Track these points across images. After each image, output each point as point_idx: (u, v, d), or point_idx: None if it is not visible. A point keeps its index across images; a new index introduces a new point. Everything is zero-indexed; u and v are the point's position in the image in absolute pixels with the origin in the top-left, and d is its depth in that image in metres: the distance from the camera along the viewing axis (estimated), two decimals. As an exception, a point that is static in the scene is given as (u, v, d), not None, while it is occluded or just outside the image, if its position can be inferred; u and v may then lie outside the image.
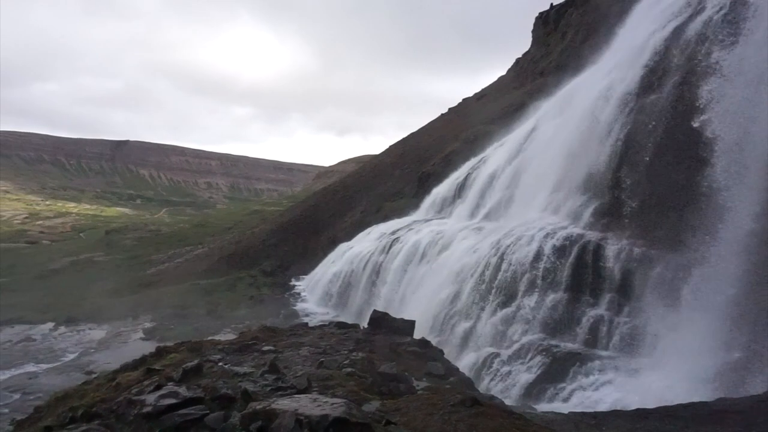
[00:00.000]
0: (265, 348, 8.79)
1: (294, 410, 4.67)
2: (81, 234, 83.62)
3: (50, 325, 30.11)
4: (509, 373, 13.99)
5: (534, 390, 12.94)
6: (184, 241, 63.91)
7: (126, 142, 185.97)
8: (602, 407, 10.84)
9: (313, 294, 32.84)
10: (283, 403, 4.89)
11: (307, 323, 13.83)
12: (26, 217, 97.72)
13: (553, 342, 14.40)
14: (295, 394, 6.02)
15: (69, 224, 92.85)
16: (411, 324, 11.19)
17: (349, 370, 7.63)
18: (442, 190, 33.45)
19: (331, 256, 34.97)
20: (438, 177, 36.41)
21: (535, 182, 21.23)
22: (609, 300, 14.52)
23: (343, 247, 34.73)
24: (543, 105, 27.99)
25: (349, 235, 37.37)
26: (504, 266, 17.06)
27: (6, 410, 17.20)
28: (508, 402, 10.61)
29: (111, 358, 22.06)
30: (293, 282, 36.68)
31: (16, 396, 18.42)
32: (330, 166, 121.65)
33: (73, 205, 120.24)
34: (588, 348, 13.85)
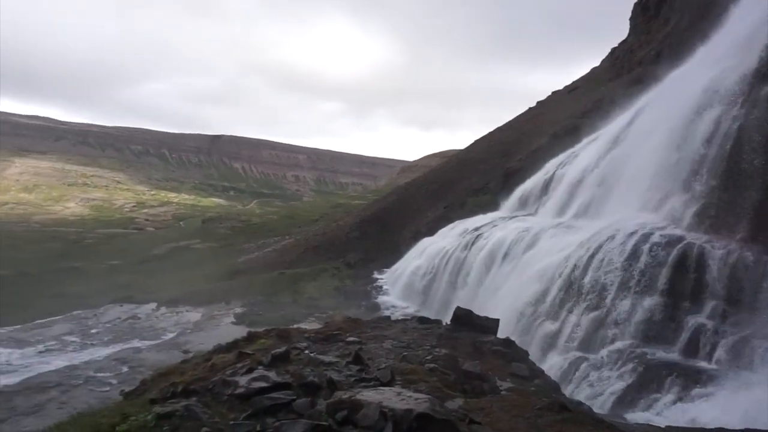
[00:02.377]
0: (350, 339, 8.96)
1: (378, 402, 4.71)
2: (181, 222, 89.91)
3: (153, 305, 32.57)
4: (598, 379, 13.30)
5: (625, 399, 12.20)
6: (273, 231, 66.85)
7: (221, 137, 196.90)
8: (703, 424, 10.04)
9: (395, 287, 33.10)
10: (368, 395, 4.96)
11: (389, 316, 13.96)
12: (134, 206, 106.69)
13: (648, 349, 13.52)
14: (379, 386, 6.08)
15: (170, 213, 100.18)
16: (495, 322, 10.94)
17: (431, 365, 7.59)
18: (528, 186, 32.44)
19: (414, 251, 35.05)
20: (525, 172, 35.33)
21: (632, 179, 19.99)
22: (713, 308, 13.39)
23: (425, 241, 34.70)
24: (641, 97, 26.28)
25: (432, 230, 37.26)
26: (594, 266, 16.24)
27: (115, 381, 18.85)
28: (596, 410, 10.09)
29: (205, 339, 23.48)
30: (375, 275, 37.17)
31: (125, 368, 20.08)
32: (414, 161, 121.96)
33: (174, 195, 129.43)
34: (687, 358, 12.87)
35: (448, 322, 11.29)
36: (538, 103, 59.74)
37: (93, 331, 26.86)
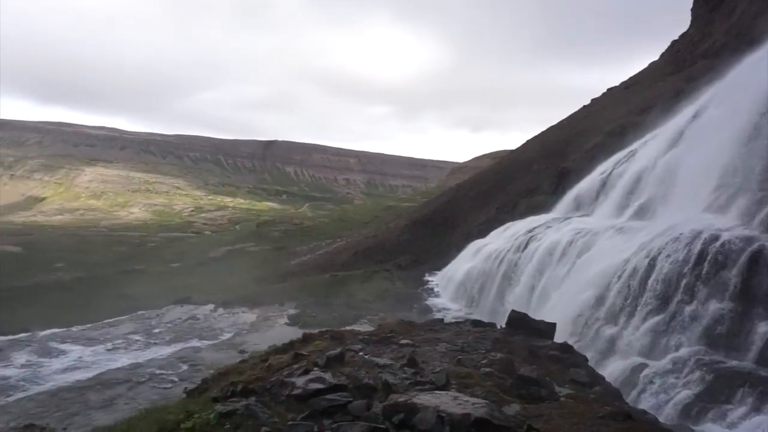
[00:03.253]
0: (403, 341, 8.95)
1: (435, 406, 4.68)
2: (236, 226, 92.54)
3: (211, 306, 33.63)
4: (662, 387, 12.70)
5: (693, 409, 11.58)
6: (325, 234, 67.83)
7: (274, 142, 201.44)
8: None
9: (446, 290, 32.88)
10: (425, 399, 4.93)
11: (442, 319, 13.84)
12: (192, 210, 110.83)
13: (717, 357, 12.81)
14: (435, 390, 6.04)
15: (226, 217, 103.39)
16: (552, 326, 10.66)
17: (487, 369, 7.48)
18: (584, 186, 31.51)
19: (465, 253, 34.71)
20: (579, 173, 34.34)
21: (696, 178, 19.05)
22: (789, 314, 12.55)
23: (477, 243, 34.30)
24: (706, 91, 25.03)
25: (483, 232, 36.81)
26: (657, 269, 15.54)
27: (176, 378, 19.58)
28: (661, 420, 9.65)
29: (260, 339, 24.04)
30: (427, 277, 37.05)
31: (185, 366, 20.79)
32: (464, 162, 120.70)
33: (229, 199, 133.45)
34: (761, 367, 12.09)
35: (503, 326, 11.09)
36: (592, 100, 57.94)
37: (156, 330, 27.99)
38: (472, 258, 32.58)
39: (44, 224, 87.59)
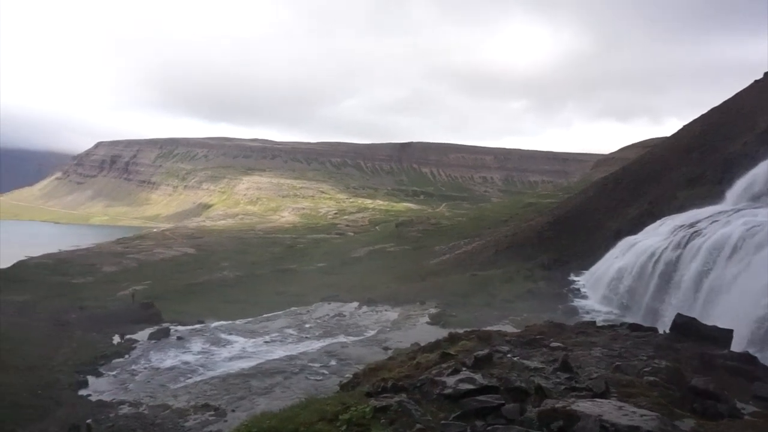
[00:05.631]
0: (553, 344, 8.54)
1: (598, 416, 4.37)
2: (376, 227, 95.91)
3: (355, 304, 35.18)
4: None
5: None
6: (462, 233, 67.48)
7: (410, 144, 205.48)
8: None
9: (594, 291, 30.84)
10: (585, 406, 4.63)
11: (594, 322, 12.98)
12: (336, 213, 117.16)
13: None
14: (593, 397, 5.66)
15: (367, 218, 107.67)
16: (727, 333, 9.43)
17: (651, 378, 6.83)
18: (758, 173, 27.64)
19: (615, 251, 32.29)
20: (751, 158, 30.15)
21: None
22: None
23: (628, 240, 31.73)
24: None
25: (635, 228, 33.96)
26: None
27: (326, 371, 20.80)
28: None
29: (402, 337, 24.60)
30: (572, 277, 35.09)
31: (333, 361, 22.02)
32: (609, 154, 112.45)
33: (369, 201, 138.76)
34: None
35: (666, 331, 10.08)
36: (765, 74, 50.38)
37: (307, 325, 30.00)
38: (622, 256, 30.23)
39: (212, 228, 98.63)
